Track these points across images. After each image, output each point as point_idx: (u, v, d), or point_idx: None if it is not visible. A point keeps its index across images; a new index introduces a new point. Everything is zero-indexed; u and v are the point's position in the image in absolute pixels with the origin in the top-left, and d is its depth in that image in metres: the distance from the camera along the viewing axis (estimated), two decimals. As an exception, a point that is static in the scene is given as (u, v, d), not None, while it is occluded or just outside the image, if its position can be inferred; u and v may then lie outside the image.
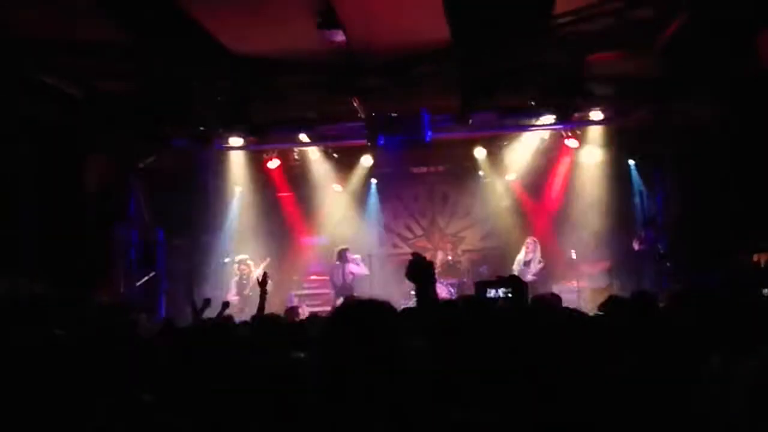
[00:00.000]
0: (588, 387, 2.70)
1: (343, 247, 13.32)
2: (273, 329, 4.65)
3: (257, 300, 12.48)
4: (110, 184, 11.63)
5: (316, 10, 7.62)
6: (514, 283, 4.97)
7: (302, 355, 3.86)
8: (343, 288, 12.98)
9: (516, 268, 12.90)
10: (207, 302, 7.08)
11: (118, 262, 11.87)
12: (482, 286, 5.34)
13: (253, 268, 13.02)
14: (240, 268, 13.09)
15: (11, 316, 5.52)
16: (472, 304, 4.34)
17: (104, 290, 10.55)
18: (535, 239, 13.12)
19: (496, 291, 4.78)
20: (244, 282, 12.95)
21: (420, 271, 3.38)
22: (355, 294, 12.34)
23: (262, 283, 6.73)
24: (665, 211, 12.32)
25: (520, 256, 13.10)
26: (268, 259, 13.16)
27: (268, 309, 8.52)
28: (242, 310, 12.13)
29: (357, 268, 13.29)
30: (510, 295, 4.75)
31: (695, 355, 3.21)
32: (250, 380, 3.51)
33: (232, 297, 12.59)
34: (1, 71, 8.69)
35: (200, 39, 8.37)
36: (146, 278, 12.17)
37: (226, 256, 13.61)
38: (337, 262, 13.23)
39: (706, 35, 8.29)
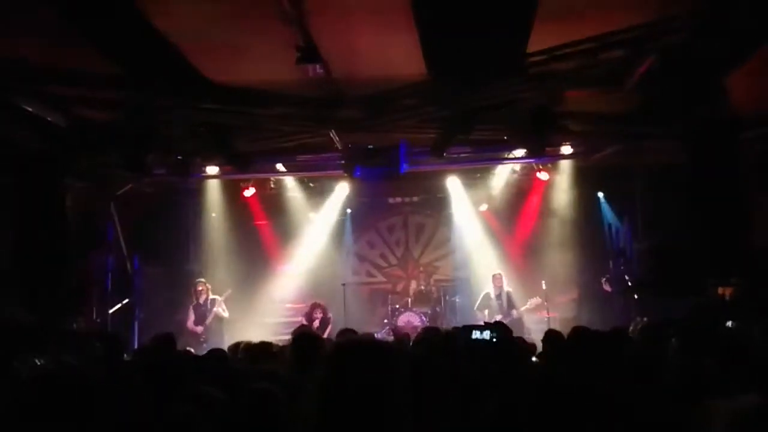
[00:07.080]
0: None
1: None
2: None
3: (219, 329, 12.41)
4: (89, 211, 11.63)
5: (297, 44, 7.77)
6: (500, 328, 5.14)
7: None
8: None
9: (486, 304, 12.91)
10: None
11: (94, 289, 11.84)
12: (468, 329, 5.49)
13: (210, 292, 12.61)
14: (197, 292, 12.60)
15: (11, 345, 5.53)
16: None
17: (81, 318, 10.52)
18: (500, 272, 13.15)
19: (481, 333, 4.97)
20: (203, 308, 12.46)
21: None
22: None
23: None
24: (633, 244, 12.59)
25: (490, 291, 13.05)
26: (230, 291, 12.87)
27: (239, 337, 8.48)
28: (206, 341, 11.70)
29: None
30: (494, 339, 4.93)
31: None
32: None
33: (193, 326, 12.30)
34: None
35: (181, 69, 8.49)
36: (119, 305, 12.15)
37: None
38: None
39: (675, 76, 8.60)
